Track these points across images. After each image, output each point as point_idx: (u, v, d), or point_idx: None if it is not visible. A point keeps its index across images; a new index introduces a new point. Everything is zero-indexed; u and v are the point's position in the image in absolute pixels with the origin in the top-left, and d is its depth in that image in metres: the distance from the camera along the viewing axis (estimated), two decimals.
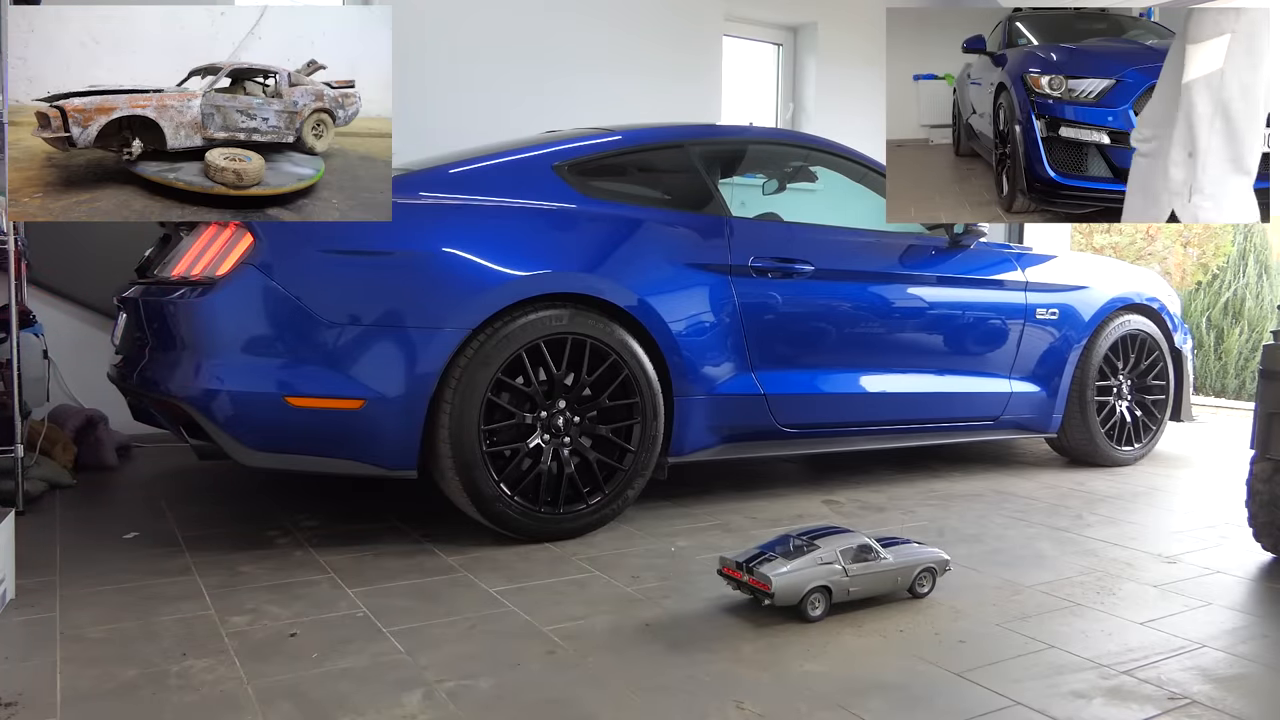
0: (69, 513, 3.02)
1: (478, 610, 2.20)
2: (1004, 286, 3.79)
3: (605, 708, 1.71)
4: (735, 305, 3.12)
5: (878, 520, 3.11)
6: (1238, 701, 1.79)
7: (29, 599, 2.22)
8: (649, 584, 2.41)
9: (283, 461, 2.59)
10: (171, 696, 1.72)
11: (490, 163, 2.99)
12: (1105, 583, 2.49)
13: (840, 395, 3.38)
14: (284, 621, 2.10)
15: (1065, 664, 1.95)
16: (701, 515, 3.14)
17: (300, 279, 2.53)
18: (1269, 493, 2.64)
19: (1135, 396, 4.19)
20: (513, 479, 2.71)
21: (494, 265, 2.70)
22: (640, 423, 2.89)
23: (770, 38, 6.18)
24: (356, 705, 1.70)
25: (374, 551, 2.65)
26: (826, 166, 3.77)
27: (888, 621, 2.16)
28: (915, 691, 1.80)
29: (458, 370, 2.63)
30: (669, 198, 3.28)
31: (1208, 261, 7.61)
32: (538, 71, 5.04)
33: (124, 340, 2.90)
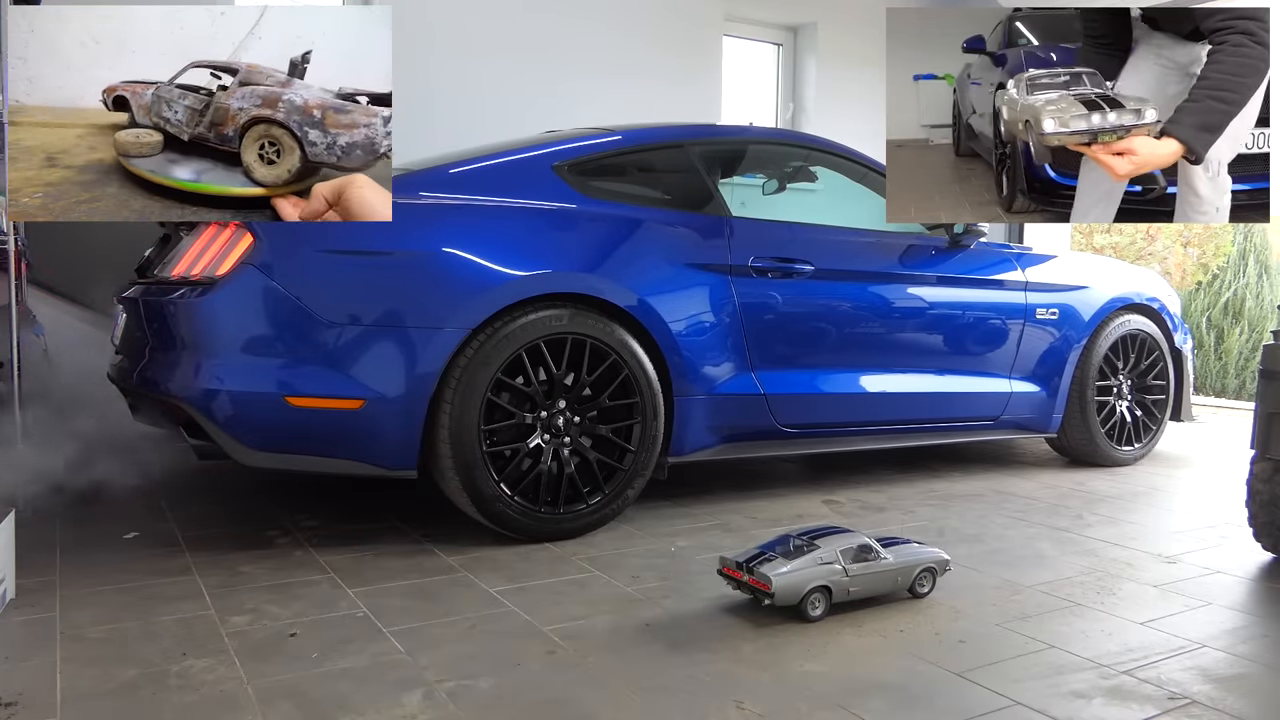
0: (69, 513, 3.02)
1: (478, 610, 2.20)
2: (1004, 286, 3.79)
3: (605, 708, 1.71)
4: (735, 305, 3.12)
5: (878, 520, 3.11)
6: (1238, 701, 1.79)
7: (29, 599, 2.22)
8: (649, 584, 2.41)
9: (283, 461, 2.59)
10: (171, 696, 1.72)
11: (490, 163, 2.99)
12: (1105, 583, 2.49)
13: (840, 395, 3.38)
14: (284, 621, 2.10)
15: (1065, 664, 1.95)
16: (701, 515, 3.14)
17: (300, 279, 2.53)
18: (1269, 493, 2.64)
19: (1135, 396, 4.19)
20: (513, 479, 2.71)
21: (494, 265, 2.70)
22: (640, 422, 2.89)
23: (770, 38, 6.18)
24: (356, 705, 1.70)
25: (374, 551, 2.65)
26: (826, 166, 3.77)
27: (888, 621, 2.16)
28: (915, 691, 1.80)
29: (458, 370, 2.63)
30: (669, 198, 3.28)
31: (1208, 261, 7.61)
32: (537, 71, 5.04)
33: (124, 340, 2.90)
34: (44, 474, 3.25)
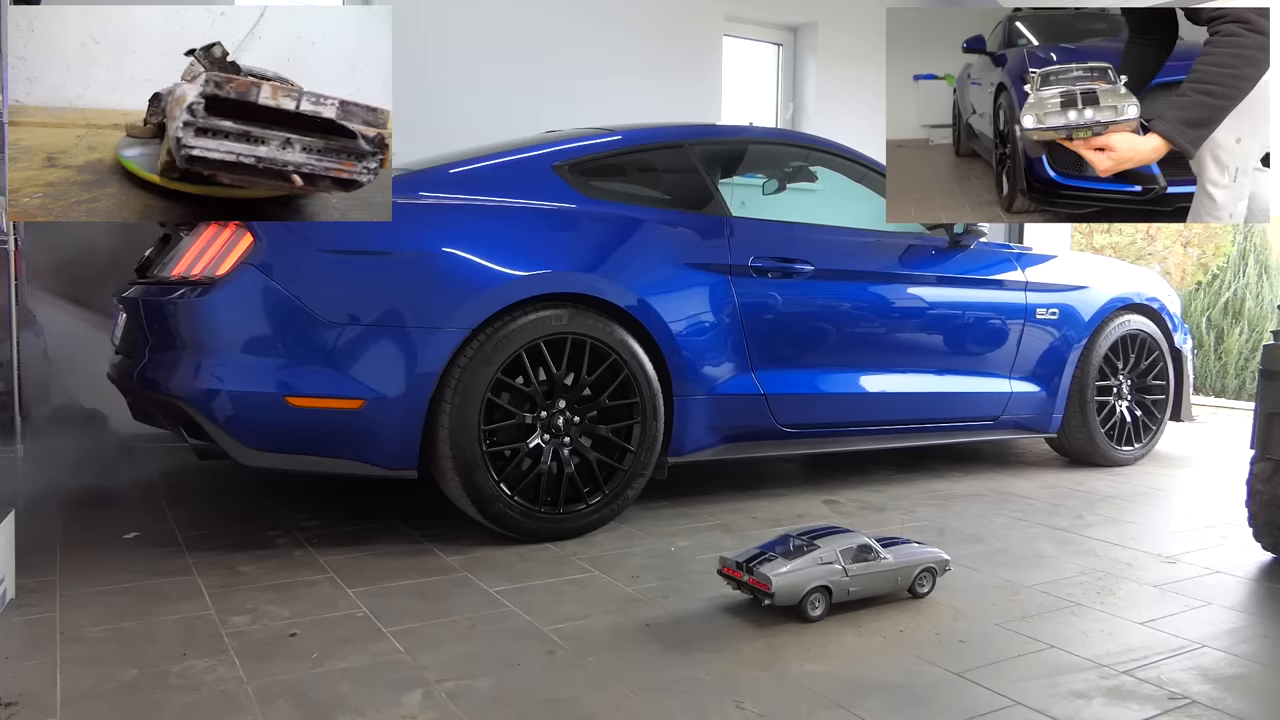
0: (69, 513, 3.02)
1: (478, 610, 2.20)
2: (1004, 286, 3.79)
3: (605, 708, 1.71)
4: (735, 305, 3.12)
5: (878, 520, 3.11)
6: (1238, 701, 1.79)
7: (29, 599, 2.22)
8: (649, 584, 2.41)
9: (283, 461, 2.59)
10: (171, 696, 1.72)
11: (490, 163, 2.99)
12: (1105, 583, 2.49)
13: (840, 395, 3.38)
14: (284, 621, 2.10)
15: (1065, 664, 1.95)
16: (701, 515, 3.14)
17: (300, 279, 2.53)
18: (1269, 493, 2.64)
19: (1135, 396, 4.19)
20: (513, 479, 2.71)
21: (494, 265, 2.70)
22: (640, 422, 2.89)
23: (770, 38, 6.18)
24: (356, 705, 1.70)
25: (374, 551, 2.65)
26: (826, 166, 3.77)
27: (888, 621, 2.16)
28: (915, 691, 1.80)
29: (458, 370, 2.63)
30: (669, 197, 3.28)
31: (1208, 261, 7.61)
32: (537, 71, 5.04)
33: (124, 340, 2.90)
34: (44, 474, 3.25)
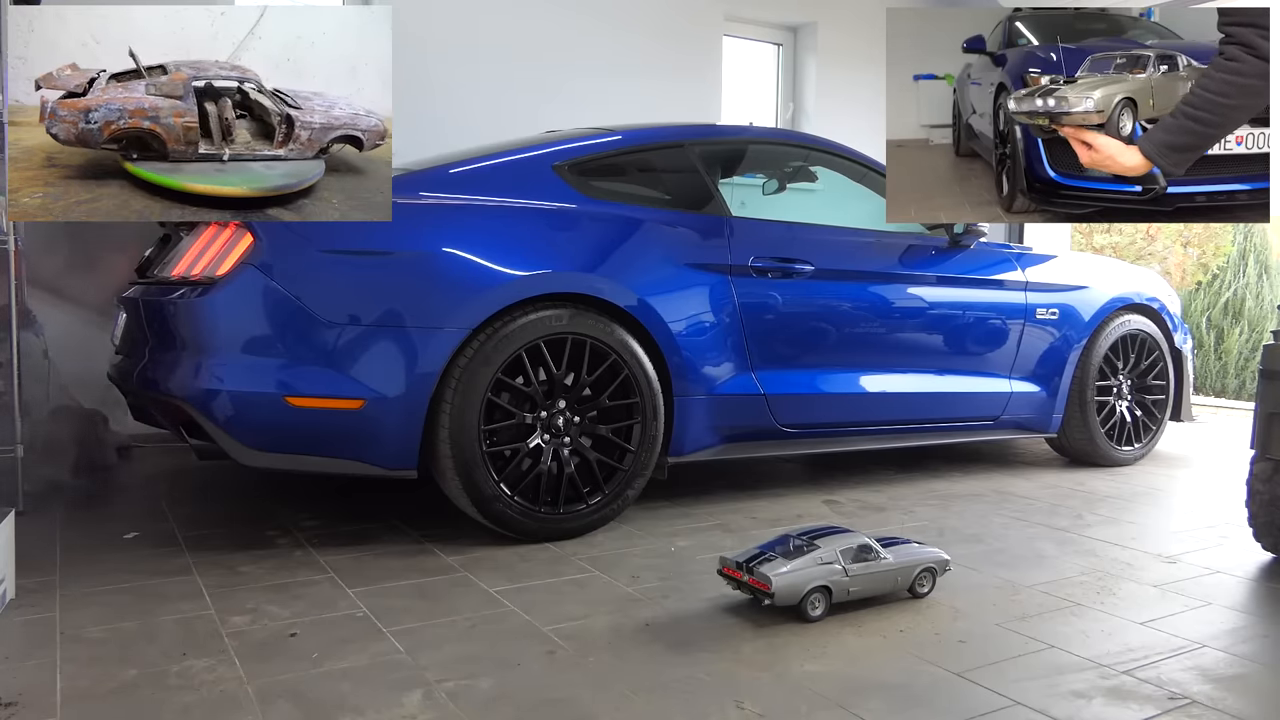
0: (69, 513, 3.02)
1: (478, 610, 2.20)
2: (1004, 286, 3.79)
3: (605, 708, 1.71)
4: (735, 305, 3.12)
5: (878, 520, 3.11)
6: (1238, 701, 1.79)
7: (29, 599, 2.22)
8: (649, 584, 2.41)
9: (283, 461, 2.59)
10: (171, 696, 1.72)
11: (490, 163, 2.99)
12: (1105, 583, 2.49)
13: (840, 395, 3.38)
14: (284, 621, 2.10)
15: (1065, 664, 1.95)
16: (701, 515, 3.14)
17: (300, 279, 2.53)
18: (1269, 493, 2.64)
19: (1135, 396, 4.19)
20: (513, 479, 2.71)
21: (494, 265, 2.70)
22: (640, 423, 2.89)
23: (770, 38, 6.18)
24: (356, 705, 1.70)
25: (374, 551, 2.65)
26: (826, 166, 3.77)
27: (888, 621, 2.16)
28: (915, 691, 1.80)
29: (458, 370, 2.63)
30: (669, 198, 3.28)
31: (1208, 261, 7.61)
32: (537, 72, 5.04)
33: (124, 340, 2.90)
34: (44, 474, 3.25)
